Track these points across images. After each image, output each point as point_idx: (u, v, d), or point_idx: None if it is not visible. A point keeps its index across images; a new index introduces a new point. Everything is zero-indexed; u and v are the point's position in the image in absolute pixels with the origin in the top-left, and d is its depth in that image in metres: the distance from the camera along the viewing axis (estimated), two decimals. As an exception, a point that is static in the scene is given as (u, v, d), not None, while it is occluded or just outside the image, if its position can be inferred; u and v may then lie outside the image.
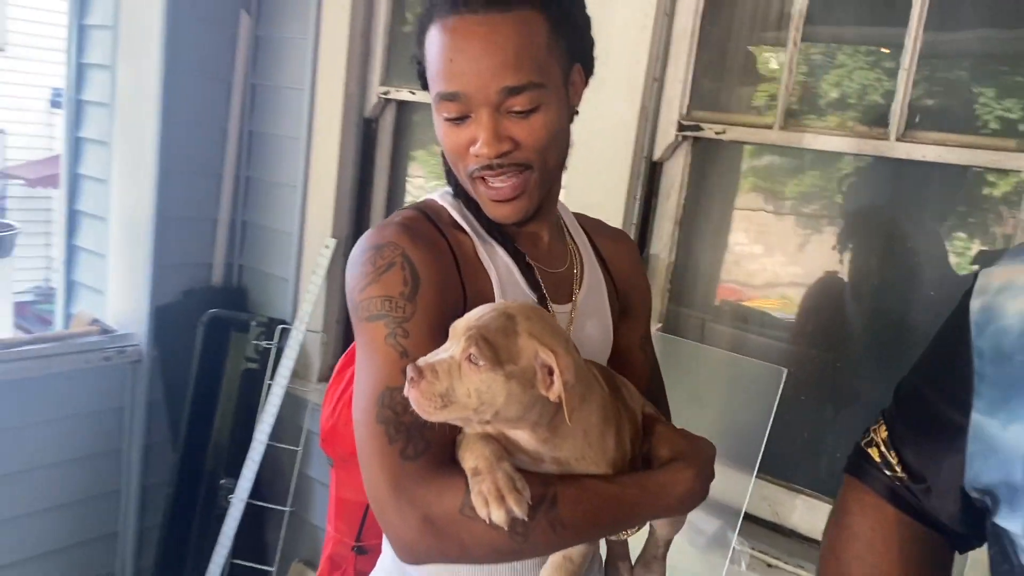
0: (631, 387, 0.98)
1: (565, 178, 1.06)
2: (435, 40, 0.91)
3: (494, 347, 0.69)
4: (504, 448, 0.77)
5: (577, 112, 1.02)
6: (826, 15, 1.65)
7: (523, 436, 0.76)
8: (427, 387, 0.69)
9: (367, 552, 2.02)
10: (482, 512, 0.73)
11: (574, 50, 0.96)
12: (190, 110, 2.47)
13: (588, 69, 1.01)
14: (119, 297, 2.60)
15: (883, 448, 0.85)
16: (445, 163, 1.00)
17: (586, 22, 0.99)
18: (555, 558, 0.83)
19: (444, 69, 0.90)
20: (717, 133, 1.73)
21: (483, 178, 0.94)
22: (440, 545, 0.80)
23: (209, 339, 2.46)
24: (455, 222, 0.97)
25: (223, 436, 2.46)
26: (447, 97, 0.90)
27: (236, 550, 2.37)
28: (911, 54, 1.50)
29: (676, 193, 1.83)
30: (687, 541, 1.62)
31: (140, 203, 2.46)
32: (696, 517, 1.41)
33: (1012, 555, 0.70)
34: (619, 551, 1.04)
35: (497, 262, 0.96)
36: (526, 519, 0.74)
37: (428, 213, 0.96)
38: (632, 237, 1.83)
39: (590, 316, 1.06)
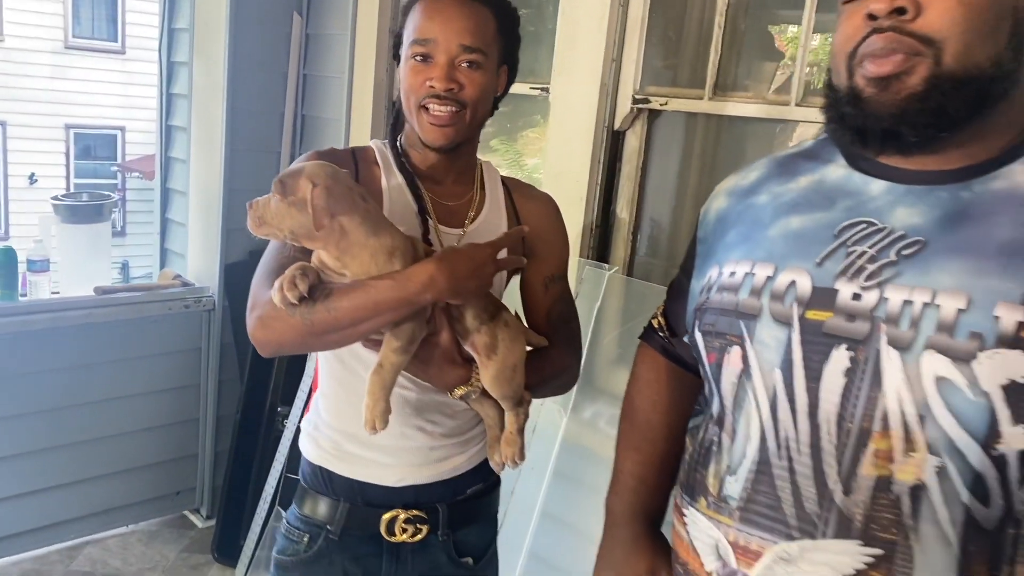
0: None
1: (544, 146, 1.37)
2: (417, 10, 1.25)
3: (283, 185, 1.05)
4: (318, 270, 1.09)
5: (498, 108, 1.34)
6: (754, 7, 1.95)
7: (324, 255, 1.09)
8: (252, 212, 1.07)
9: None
10: (275, 296, 1.06)
11: (506, 53, 1.30)
12: (252, 98, 2.91)
13: (512, 74, 1.34)
14: (197, 257, 3.09)
15: (659, 318, 1.19)
16: (392, 113, 1.35)
17: (518, 40, 1.33)
18: (374, 367, 1.12)
19: (422, 24, 1.23)
20: (661, 104, 2.05)
21: (427, 107, 1.22)
22: (267, 334, 1.10)
23: (269, 292, 2.91)
24: (374, 158, 1.31)
25: (280, 372, 2.91)
26: (420, 42, 1.22)
27: (289, 466, 2.82)
28: (806, 33, 1.79)
29: (635, 157, 2.16)
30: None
31: (212, 178, 2.93)
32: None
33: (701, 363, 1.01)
34: (492, 436, 1.28)
35: (392, 185, 1.28)
36: (296, 301, 1.03)
37: (355, 149, 1.32)
38: (597, 197, 2.17)
39: (479, 241, 1.28)
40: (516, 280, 1.40)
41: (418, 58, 1.23)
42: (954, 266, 0.77)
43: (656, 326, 1.18)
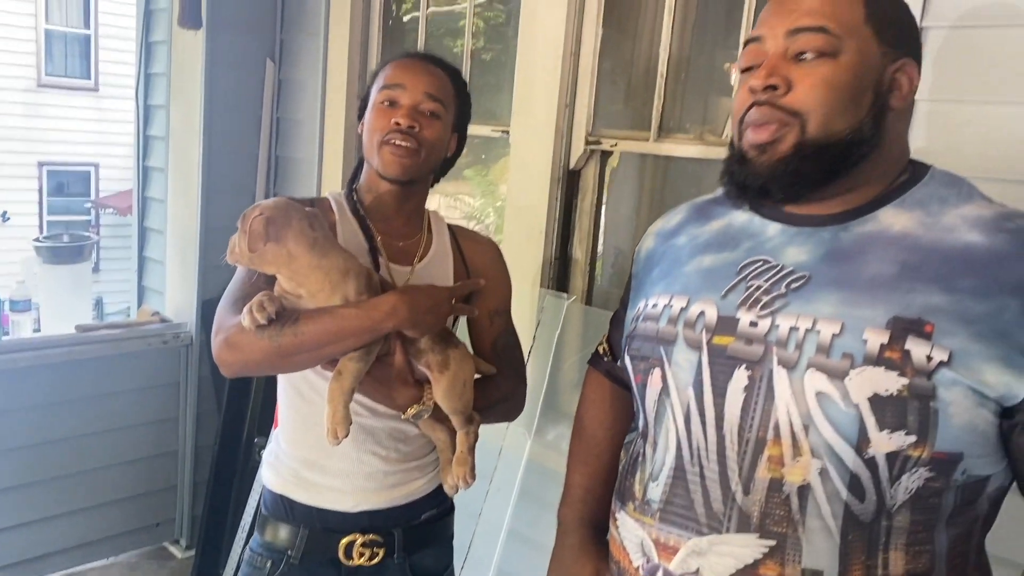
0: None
1: (507, 185, 1.51)
2: (388, 68, 1.42)
3: (243, 217, 1.19)
4: (280, 297, 1.19)
5: (445, 173, 1.51)
6: (691, 56, 2.11)
7: (282, 280, 1.20)
8: (230, 243, 1.21)
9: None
10: (244, 319, 1.15)
11: (458, 121, 1.47)
12: (227, 140, 3.02)
13: (460, 144, 1.50)
14: (175, 293, 3.18)
15: (604, 344, 1.32)
16: (354, 170, 1.49)
17: (468, 116, 1.49)
18: (333, 374, 1.22)
19: (393, 74, 1.40)
20: (611, 146, 2.20)
21: (389, 141, 1.34)
22: (233, 354, 1.19)
23: (245, 326, 3.02)
24: (329, 207, 1.42)
25: (256, 403, 3.00)
26: (390, 87, 1.38)
27: (266, 495, 2.91)
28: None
29: (590, 195, 2.30)
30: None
31: (189, 217, 3.03)
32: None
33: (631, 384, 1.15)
34: (445, 459, 1.37)
35: (345, 227, 1.39)
36: (265, 323, 1.14)
37: (313, 199, 1.44)
38: (555, 232, 2.31)
39: (427, 278, 1.41)
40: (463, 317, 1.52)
41: (386, 103, 1.38)
42: (832, 297, 0.91)
43: (602, 352, 1.32)
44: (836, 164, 0.94)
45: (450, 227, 1.54)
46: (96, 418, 2.89)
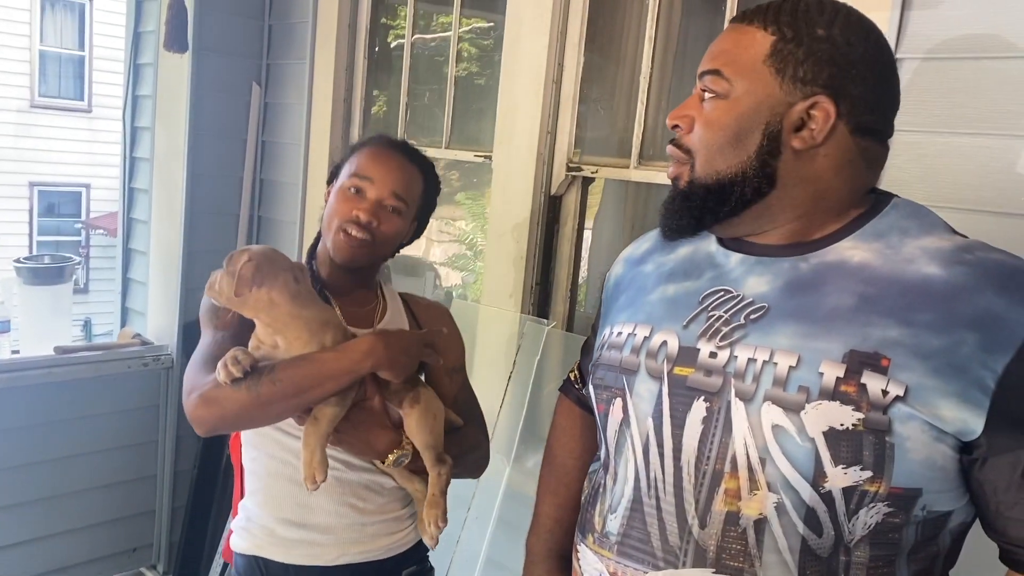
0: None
1: (488, 206, 1.52)
2: (364, 152, 1.45)
3: (229, 258, 1.21)
4: (254, 353, 1.21)
5: (399, 251, 1.53)
6: (674, 87, 2.13)
7: (259, 331, 1.22)
8: (209, 279, 1.23)
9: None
10: (219, 374, 1.16)
11: (421, 212, 1.50)
12: (212, 163, 3.02)
13: (419, 230, 1.54)
14: (156, 315, 3.17)
15: (575, 371, 1.31)
16: (315, 238, 1.50)
17: (433, 206, 1.53)
18: (309, 419, 1.23)
19: (365, 163, 1.43)
20: (592, 172, 2.20)
21: (346, 230, 1.38)
22: (209, 410, 1.19)
23: (227, 349, 3.01)
24: None
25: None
26: (360, 177, 1.41)
27: (244, 521, 2.88)
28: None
29: (572, 220, 2.30)
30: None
31: (172, 239, 3.02)
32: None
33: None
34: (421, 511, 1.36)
35: None
36: (241, 375, 1.15)
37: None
38: (536, 256, 2.31)
39: None
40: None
41: (353, 190, 1.40)
42: (789, 329, 0.90)
43: (573, 379, 1.31)
44: (719, 203, 0.96)
45: (400, 294, 1.58)
46: (74, 441, 2.85)
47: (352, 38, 2.86)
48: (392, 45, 2.94)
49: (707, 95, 0.97)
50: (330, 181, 1.49)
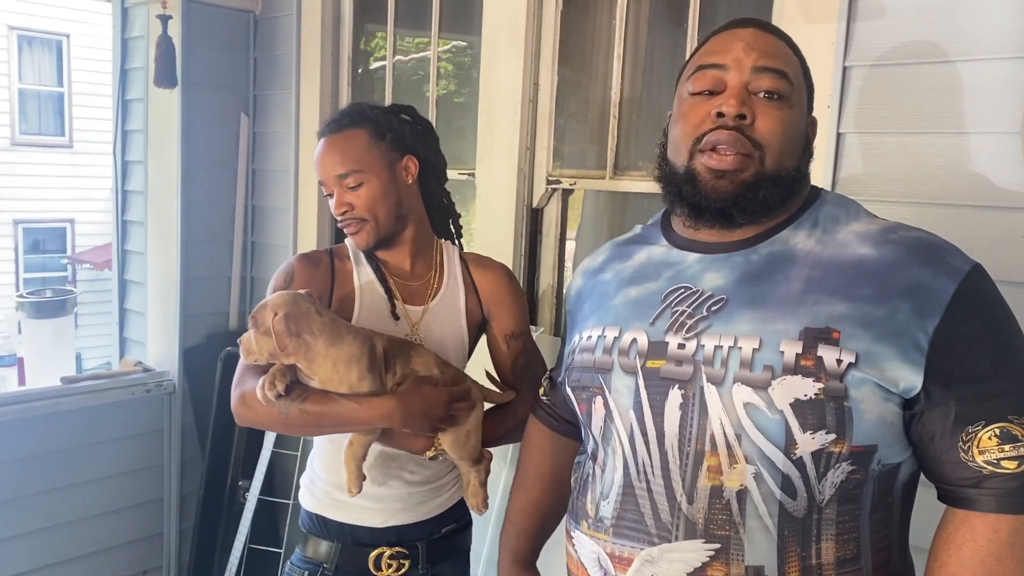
0: (427, 360, 1.46)
1: (474, 221, 1.62)
2: (315, 161, 1.54)
3: (255, 320, 1.31)
4: (294, 373, 1.33)
5: (410, 184, 1.57)
6: (643, 101, 2.25)
7: (301, 366, 1.33)
8: (242, 347, 1.34)
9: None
10: (258, 392, 1.31)
11: (400, 146, 1.55)
12: (204, 192, 3.11)
13: (421, 157, 1.58)
14: (157, 343, 3.25)
15: (544, 384, 1.42)
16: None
17: (405, 135, 1.55)
18: (347, 444, 1.40)
19: (317, 170, 1.54)
20: (571, 184, 2.32)
21: (345, 225, 1.52)
22: (247, 412, 1.35)
23: (227, 372, 3.06)
24: (347, 254, 1.57)
25: (240, 448, 3.07)
26: (322, 185, 1.54)
27: (252, 537, 2.95)
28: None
29: (554, 230, 2.42)
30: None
31: (169, 268, 3.10)
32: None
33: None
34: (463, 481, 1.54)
35: (362, 275, 1.55)
36: (274, 399, 1.28)
37: (333, 248, 1.59)
38: (521, 267, 2.42)
39: (440, 314, 1.57)
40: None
41: (327, 196, 1.54)
42: (748, 316, 1.01)
43: (542, 394, 1.41)
44: (783, 197, 1.07)
45: (461, 256, 1.66)
46: (81, 468, 2.92)
47: (335, 66, 2.97)
48: (373, 67, 3.05)
49: (768, 94, 1.04)
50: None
